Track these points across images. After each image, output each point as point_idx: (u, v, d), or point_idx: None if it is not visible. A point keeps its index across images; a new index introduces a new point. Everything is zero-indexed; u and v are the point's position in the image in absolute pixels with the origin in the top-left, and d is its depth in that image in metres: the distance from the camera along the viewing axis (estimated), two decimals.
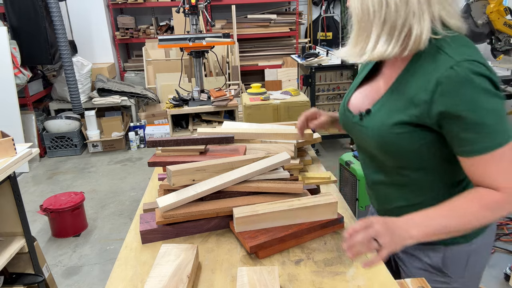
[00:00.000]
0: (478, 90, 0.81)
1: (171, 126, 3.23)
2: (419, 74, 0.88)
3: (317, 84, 4.09)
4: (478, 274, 1.09)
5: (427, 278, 1.04)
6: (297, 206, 1.13)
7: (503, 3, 3.21)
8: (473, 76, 0.81)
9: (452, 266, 1.04)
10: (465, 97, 0.81)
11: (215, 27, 5.72)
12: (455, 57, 0.83)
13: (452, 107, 0.83)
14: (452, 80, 0.81)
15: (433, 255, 1.05)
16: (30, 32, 4.17)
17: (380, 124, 0.94)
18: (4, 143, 1.72)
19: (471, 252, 1.03)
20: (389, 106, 0.93)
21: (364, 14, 0.87)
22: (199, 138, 1.37)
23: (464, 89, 0.81)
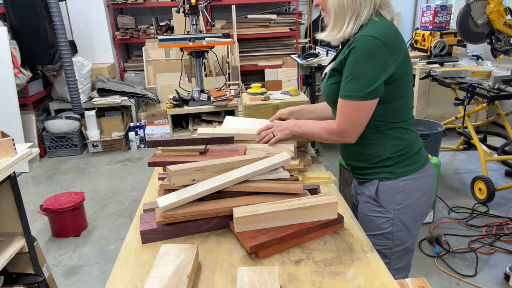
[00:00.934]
0: (361, 55, 1.17)
1: (171, 126, 3.23)
2: (347, 45, 1.24)
3: (317, 84, 4.09)
4: (412, 212, 1.34)
5: (368, 208, 1.37)
6: (297, 206, 1.13)
7: (503, 3, 3.21)
8: (364, 46, 1.17)
9: (383, 197, 1.33)
10: (353, 56, 1.19)
11: (215, 27, 5.72)
12: (362, 33, 1.19)
13: (348, 60, 1.20)
14: (353, 46, 1.19)
15: (371, 188, 1.35)
16: (30, 32, 4.17)
17: (325, 80, 1.35)
18: (4, 143, 1.72)
19: (400, 188, 1.32)
20: (331, 66, 1.32)
21: (341, 8, 1.23)
22: (199, 138, 1.37)
23: (355, 52, 1.18)
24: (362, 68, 1.18)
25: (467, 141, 4.16)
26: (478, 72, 3.29)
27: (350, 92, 1.21)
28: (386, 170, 1.32)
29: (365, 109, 1.22)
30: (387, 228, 1.34)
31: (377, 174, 1.34)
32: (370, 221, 1.36)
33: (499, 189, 3.10)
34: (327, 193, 1.21)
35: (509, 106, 4.45)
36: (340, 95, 1.24)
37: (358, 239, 1.14)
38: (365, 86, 1.19)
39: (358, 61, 1.18)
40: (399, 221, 1.34)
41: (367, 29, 1.19)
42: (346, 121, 1.25)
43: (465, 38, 3.41)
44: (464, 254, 2.55)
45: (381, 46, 1.16)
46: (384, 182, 1.33)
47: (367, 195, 1.37)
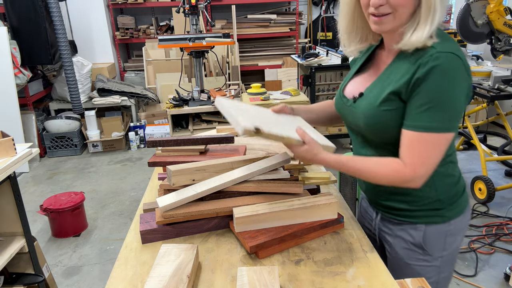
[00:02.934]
0: (445, 77, 0.93)
1: (171, 126, 3.22)
2: (407, 61, 1.00)
3: (317, 84, 4.09)
4: (454, 254, 1.18)
5: (411, 256, 1.16)
6: (297, 206, 1.13)
7: (503, 3, 3.21)
8: (447, 65, 0.93)
9: (431, 244, 1.14)
10: (435, 78, 0.93)
11: (215, 27, 5.71)
12: (438, 48, 0.95)
13: (425, 82, 0.94)
14: (430, 63, 0.93)
15: (415, 233, 1.14)
16: (30, 32, 4.17)
17: (370, 103, 1.05)
18: (4, 143, 1.72)
19: (449, 232, 1.13)
20: (378, 88, 1.05)
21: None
22: (199, 138, 1.37)
23: (438, 72, 0.93)
24: (448, 93, 0.93)
25: (467, 141, 4.16)
26: (478, 72, 3.29)
27: (432, 123, 0.94)
28: (435, 213, 1.12)
29: (447, 143, 0.98)
30: (432, 277, 1.17)
31: (423, 217, 1.13)
32: (412, 271, 1.17)
33: (499, 189, 3.10)
34: (327, 193, 1.21)
35: (509, 106, 4.45)
36: (413, 126, 0.97)
37: (358, 239, 1.14)
38: (452, 114, 0.95)
39: (443, 84, 0.93)
40: (445, 267, 1.17)
41: (442, 44, 0.96)
42: (423, 162, 0.97)
43: (465, 38, 3.41)
44: (464, 254, 2.55)
45: (462, 66, 0.94)
46: (432, 226, 1.13)
47: (409, 242, 1.15)
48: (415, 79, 0.95)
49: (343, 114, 1.20)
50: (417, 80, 0.95)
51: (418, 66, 0.95)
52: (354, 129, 1.17)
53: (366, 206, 1.32)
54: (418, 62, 0.96)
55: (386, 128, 1.04)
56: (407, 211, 1.13)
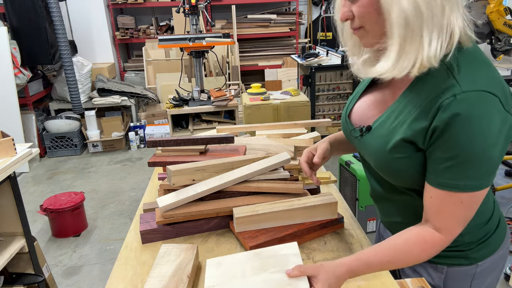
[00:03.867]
0: (477, 130, 0.73)
1: (171, 126, 3.23)
2: (424, 93, 0.79)
3: (317, 84, 4.09)
4: None
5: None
6: (297, 206, 1.13)
7: (503, 3, 3.21)
8: (479, 110, 0.72)
9: (454, 286, 0.99)
10: (461, 129, 0.73)
11: (215, 27, 5.71)
12: (463, 85, 0.74)
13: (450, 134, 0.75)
14: (455, 109, 0.73)
15: (434, 274, 1.00)
16: (30, 32, 4.17)
17: (379, 145, 0.88)
18: (4, 143, 1.72)
19: (476, 275, 0.97)
20: (388, 124, 0.86)
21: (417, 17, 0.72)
22: (199, 138, 1.37)
23: (464, 121, 0.73)
24: (479, 145, 0.74)
25: None
26: None
27: (466, 181, 0.77)
28: (458, 254, 0.96)
29: (482, 199, 0.81)
30: None
31: (445, 258, 0.96)
32: None
33: (499, 189, 3.10)
34: (327, 193, 1.21)
35: None
36: (441, 185, 0.79)
37: (358, 239, 1.14)
38: (486, 169, 0.77)
39: (473, 136, 0.73)
40: None
41: (469, 77, 0.75)
42: (458, 222, 0.81)
43: None
44: None
45: (496, 107, 0.74)
46: (455, 268, 0.97)
47: (428, 282, 1.00)
48: (435, 127, 0.76)
49: (349, 140, 1.02)
50: (436, 128, 0.76)
51: (438, 108, 0.75)
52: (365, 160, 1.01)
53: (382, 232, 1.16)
54: (439, 101, 0.75)
55: (399, 174, 0.88)
56: None
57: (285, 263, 0.88)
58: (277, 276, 0.85)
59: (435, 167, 0.80)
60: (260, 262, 0.90)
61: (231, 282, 0.86)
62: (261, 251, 0.95)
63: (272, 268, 0.88)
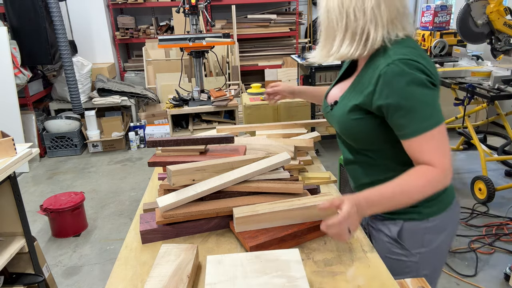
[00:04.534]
0: (409, 81, 0.97)
1: (171, 126, 3.23)
2: (370, 70, 1.06)
3: (317, 84, 4.10)
4: (439, 253, 1.20)
5: (390, 250, 1.20)
6: (297, 206, 1.13)
7: (503, 3, 3.21)
8: (404, 70, 0.97)
9: (408, 240, 1.17)
10: (398, 88, 0.98)
11: (215, 27, 5.71)
12: (393, 57, 1.00)
13: (389, 99, 1.00)
14: (388, 75, 0.99)
15: (392, 228, 1.19)
16: (30, 32, 4.17)
17: (341, 112, 1.13)
18: (4, 143, 1.72)
19: (428, 229, 1.16)
20: (348, 97, 1.13)
21: (329, 23, 1.06)
22: (199, 138, 1.37)
23: (396, 81, 0.98)
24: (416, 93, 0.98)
25: (467, 141, 4.16)
26: (478, 72, 3.29)
27: (424, 122, 0.98)
28: (412, 210, 1.14)
29: (445, 132, 1.01)
30: (411, 273, 1.19)
31: (401, 214, 1.16)
32: (391, 264, 1.15)
33: (499, 189, 3.10)
34: (327, 193, 1.21)
35: (509, 106, 4.45)
36: (410, 132, 1.00)
37: (358, 239, 1.14)
38: (431, 109, 0.99)
39: (409, 89, 0.98)
40: (425, 264, 1.19)
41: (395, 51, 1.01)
42: (442, 156, 0.99)
43: (465, 38, 3.41)
44: (464, 254, 2.55)
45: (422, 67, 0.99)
46: (410, 222, 1.16)
47: (388, 235, 1.20)
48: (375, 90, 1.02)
49: (326, 118, 1.29)
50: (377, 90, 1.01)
51: (378, 76, 1.01)
52: (336, 132, 1.26)
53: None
54: (378, 71, 1.01)
55: (357, 135, 1.11)
56: None
57: (286, 269, 0.89)
58: (278, 281, 0.86)
59: (400, 124, 1.01)
60: (261, 265, 0.91)
61: (232, 282, 0.87)
62: (262, 253, 0.95)
63: (273, 272, 0.89)
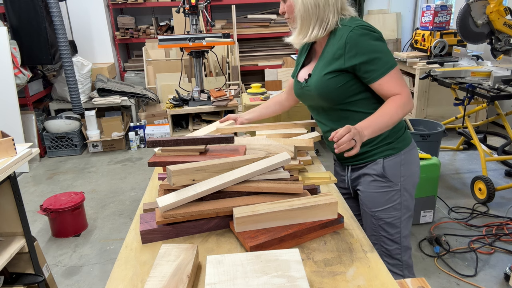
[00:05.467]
0: (369, 38, 1.32)
1: (171, 126, 3.23)
2: (335, 41, 1.37)
3: None
4: (413, 181, 1.52)
5: (377, 186, 1.48)
6: (297, 206, 1.13)
7: (503, 3, 3.21)
8: (363, 31, 1.32)
9: (390, 172, 1.46)
10: (364, 45, 1.32)
11: (215, 27, 5.71)
12: (351, 26, 1.34)
13: (359, 55, 1.32)
14: (352, 38, 1.32)
15: (376, 167, 1.47)
16: (30, 32, 4.17)
17: (317, 78, 1.42)
18: (4, 143, 1.72)
19: (402, 161, 1.47)
20: (321, 66, 1.42)
21: (306, 14, 1.36)
22: (199, 138, 1.37)
23: (361, 40, 1.32)
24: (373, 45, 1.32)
25: (467, 141, 4.16)
26: (478, 72, 3.29)
27: (386, 65, 1.33)
28: (388, 147, 1.46)
29: (399, 71, 1.37)
30: (396, 200, 1.48)
31: (380, 153, 1.46)
32: (380, 197, 1.49)
33: (499, 189, 3.10)
34: (327, 193, 1.21)
35: (509, 106, 4.45)
36: (379, 74, 1.33)
37: (358, 239, 1.14)
38: (388, 56, 1.34)
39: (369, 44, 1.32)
40: (405, 191, 1.49)
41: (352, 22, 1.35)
42: (404, 86, 1.35)
43: (465, 38, 3.41)
44: (464, 254, 2.55)
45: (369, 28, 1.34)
46: (388, 158, 1.46)
47: (373, 175, 1.48)
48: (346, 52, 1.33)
49: (301, 95, 1.55)
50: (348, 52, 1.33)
51: (345, 41, 1.32)
52: (312, 104, 1.53)
53: (338, 169, 1.66)
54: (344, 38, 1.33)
55: (333, 91, 1.39)
56: (368, 152, 1.46)
57: (286, 268, 0.89)
58: (278, 281, 0.86)
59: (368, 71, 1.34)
60: (261, 265, 0.91)
61: (232, 282, 0.87)
62: (262, 253, 0.95)
63: (273, 272, 0.89)
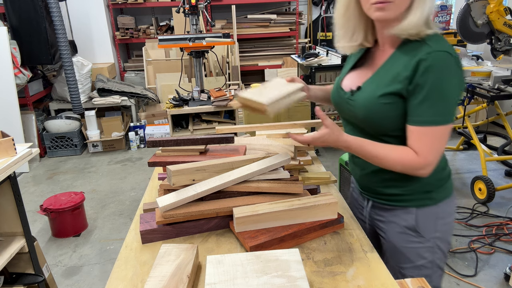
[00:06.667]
0: (448, 74, 1.02)
1: (171, 126, 3.23)
2: (404, 57, 1.08)
3: (317, 84, 4.09)
4: (448, 236, 1.26)
5: (406, 240, 1.22)
6: (297, 206, 1.13)
7: (503, 3, 3.21)
8: (447, 62, 1.02)
9: (423, 225, 1.20)
10: (437, 77, 1.01)
11: (215, 27, 5.71)
12: (434, 47, 1.03)
13: (424, 80, 1.02)
14: (430, 63, 1.02)
15: (406, 217, 1.21)
16: (30, 32, 4.17)
17: (368, 96, 1.13)
18: (4, 143, 1.72)
19: (439, 214, 1.21)
20: (377, 82, 1.13)
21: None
22: (199, 138, 1.37)
23: (438, 71, 1.01)
24: (445, 89, 1.02)
25: (467, 141, 4.16)
26: (478, 72, 3.29)
27: (435, 117, 1.03)
28: (425, 196, 1.19)
29: (449, 133, 1.07)
30: (427, 258, 1.23)
31: (414, 201, 1.19)
32: (407, 253, 1.23)
33: (499, 189, 3.10)
34: (327, 193, 1.21)
35: (509, 106, 4.45)
36: (419, 122, 1.05)
37: (358, 239, 1.14)
38: (450, 108, 1.04)
39: (441, 82, 1.02)
40: (438, 248, 1.24)
41: (437, 43, 1.04)
42: (432, 152, 1.05)
43: (465, 38, 3.41)
44: (464, 254, 2.55)
45: (455, 63, 1.03)
46: (423, 209, 1.19)
47: (402, 226, 1.22)
48: (414, 76, 1.03)
49: (339, 105, 1.27)
50: (415, 77, 1.03)
51: (417, 62, 1.03)
52: (350, 120, 1.24)
53: (357, 196, 1.39)
54: (417, 58, 1.03)
55: (383, 119, 1.11)
56: (399, 195, 1.20)
57: (286, 268, 0.89)
58: (278, 281, 0.86)
59: (415, 109, 1.05)
60: (261, 265, 0.91)
61: (232, 282, 0.87)
62: (262, 253, 0.95)
63: (273, 272, 0.89)
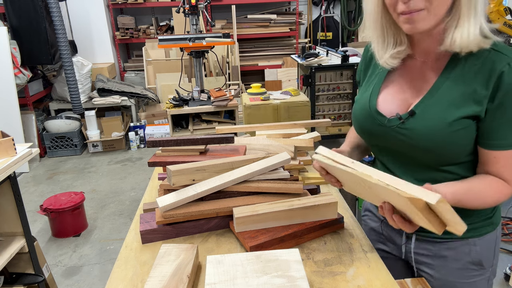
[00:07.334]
0: None
1: (171, 126, 3.23)
2: (473, 71, 0.89)
3: (317, 84, 4.09)
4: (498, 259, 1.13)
5: (464, 276, 1.07)
6: (297, 206, 1.13)
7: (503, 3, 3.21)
8: None
9: (486, 255, 1.07)
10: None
11: (215, 27, 5.72)
12: (510, 56, 0.87)
13: (504, 106, 0.86)
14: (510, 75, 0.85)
15: (468, 250, 1.05)
16: (30, 32, 4.17)
17: (434, 124, 0.91)
18: (4, 143, 1.72)
19: (497, 239, 1.08)
20: (440, 104, 0.92)
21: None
22: (199, 138, 1.37)
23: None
24: None
25: None
26: None
27: None
28: (486, 223, 1.05)
29: None
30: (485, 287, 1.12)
31: (475, 230, 1.04)
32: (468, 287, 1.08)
33: None
34: (327, 193, 1.21)
35: None
36: (505, 145, 0.90)
37: (358, 239, 1.14)
38: None
39: None
40: (492, 275, 1.12)
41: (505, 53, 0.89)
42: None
43: None
44: None
45: None
46: (484, 238, 1.05)
47: (465, 261, 1.06)
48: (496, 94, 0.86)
49: (377, 134, 1.03)
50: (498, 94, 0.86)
51: (498, 77, 0.86)
52: (394, 149, 1.02)
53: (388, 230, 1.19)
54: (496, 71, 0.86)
55: (453, 148, 0.92)
56: None
57: (286, 268, 0.89)
58: (278, 281, 0.86)
59: (497, 131, 0.89)
60: (261, 265, 0.91)
61: (232, 282, 0.87)
62: (262, 253, 0.95)
63: (273, 272, 0.89)
